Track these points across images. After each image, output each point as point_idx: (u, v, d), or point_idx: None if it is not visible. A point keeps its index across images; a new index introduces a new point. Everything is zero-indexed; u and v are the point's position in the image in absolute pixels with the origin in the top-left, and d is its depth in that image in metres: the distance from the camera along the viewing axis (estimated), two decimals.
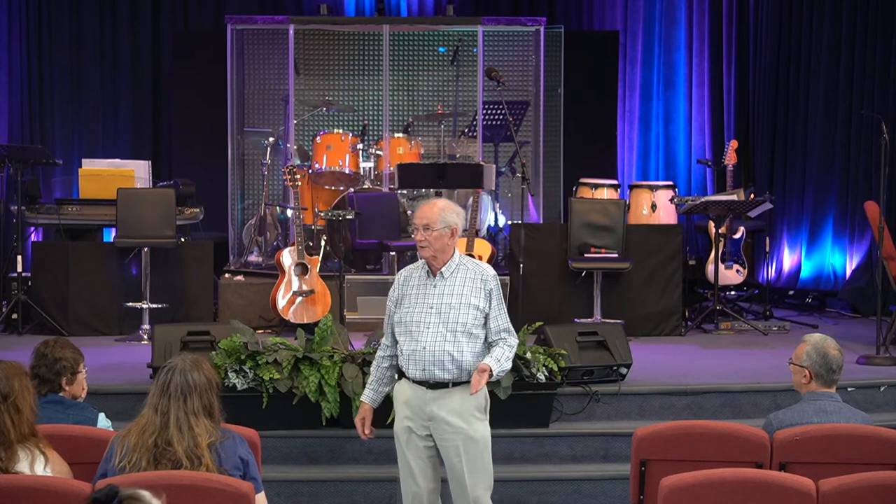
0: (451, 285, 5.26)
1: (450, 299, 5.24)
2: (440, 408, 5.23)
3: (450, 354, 5.21)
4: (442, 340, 5.21)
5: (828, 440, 4.84)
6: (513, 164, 10.52)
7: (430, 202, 5.31)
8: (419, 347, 5.21)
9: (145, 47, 11.70)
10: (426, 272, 5.30)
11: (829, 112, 11.03)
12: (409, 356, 5.24)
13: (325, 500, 6.55)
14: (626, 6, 12.09)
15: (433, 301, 5.24)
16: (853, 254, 10.93)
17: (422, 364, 5.22)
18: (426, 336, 5.21)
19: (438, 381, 5.23)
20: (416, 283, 5.29)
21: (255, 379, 6.59)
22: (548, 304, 9.04)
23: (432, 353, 5.20)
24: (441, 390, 5.24)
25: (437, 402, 5.23)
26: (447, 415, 5.22)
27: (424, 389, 5.24)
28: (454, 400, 5.24)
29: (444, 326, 5.22)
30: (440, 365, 5.22)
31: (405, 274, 5.36)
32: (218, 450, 4.29)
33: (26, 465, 4.27)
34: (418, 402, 5.25)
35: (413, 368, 5.24)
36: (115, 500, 2.97)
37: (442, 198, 5.70)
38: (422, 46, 10.80)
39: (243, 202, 10.66)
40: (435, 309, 5.23)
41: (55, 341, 5.06)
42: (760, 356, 8.27)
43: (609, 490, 6.61)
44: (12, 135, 11.15)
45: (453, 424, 5.23)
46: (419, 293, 5.26)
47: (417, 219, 5.26)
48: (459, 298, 5.24)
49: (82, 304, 9.10)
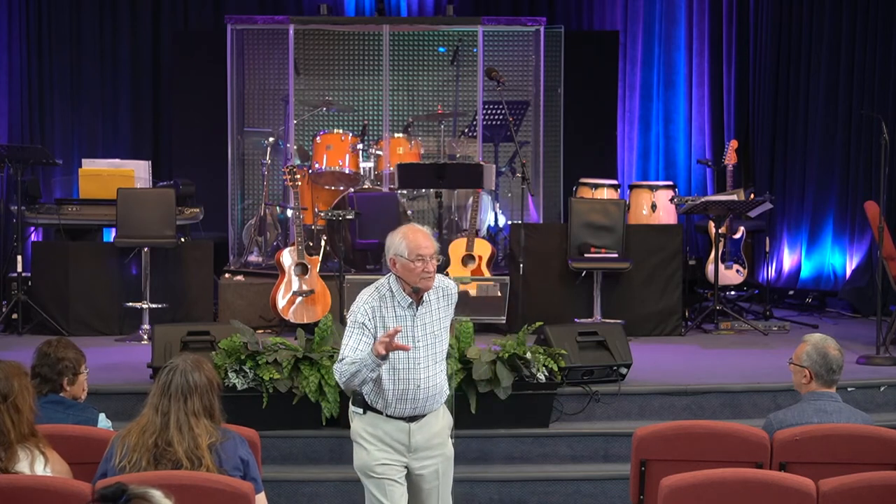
0: (429, 311, 4.94)
1: (432, 328, 4.93)
2: (422, 435, 4.96)
3: (440, 386, 4.99)
4: (433, 374, 4.93)
5: (828, 440, 4.84)
6: (513, 164, 10.52)
7: (419, 230, 4.92)
8: (412, 387, 4.87)
9: (145, 47, 11.70)
10: (400, 302, 4.88)
11: (829, 112, 11.03)
12: (397, 395, 4.87)
13: (325, 500, 6.55)
14: (626, 6, 12.09)
15: (419, 334, 4.89)
16: (853, 254, 10.93)
17: (413, 403, 4.89)
18: (417, 374, 4.87)
19: (424, 414, 4.96)
20: (394, 314, 4.87)
21: (255, 379, 6.59)
22: (548, 304, 9.04)
23: (426, 391, 4.90)
24: (422, 420, 4.96)
25: (419, 431, 4.95)
26: (429, 440, 4.98)
27: (405, 423, 4.92)
28: (435, 424, 5.00)
29: (432, 360, 4.93)
30: (434, 400, 4.96)
31: (375, 304, 4.87)
32: (218, 450, 4.29)
33: (26, 465, 4.27)
34: (396, 436, 4.93)
35: (400, 407, 4.89)
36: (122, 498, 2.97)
37: (410, 223, 5.36)
38: (422, 46, 10.80)
39: (243, 202, 10.66)
40: (422, 342, 4.89)
41: (58, 341, 5.07)
42: (760, 356, 8.27)
43: (609, 490, 6.61)
44: (12, 135, 11.15)
45: (435, 448, 5.00)
46: (400, 325, 4.82)
47: (423, 249, 4.82)
48: (439, 324, 4.96)
49: (82, 304, 9.10)
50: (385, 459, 4.94)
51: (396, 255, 4.86)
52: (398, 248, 4.86)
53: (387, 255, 4.95)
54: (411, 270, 4.83)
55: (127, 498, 2.97)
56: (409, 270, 4.84)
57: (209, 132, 10.75)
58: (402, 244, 4.85)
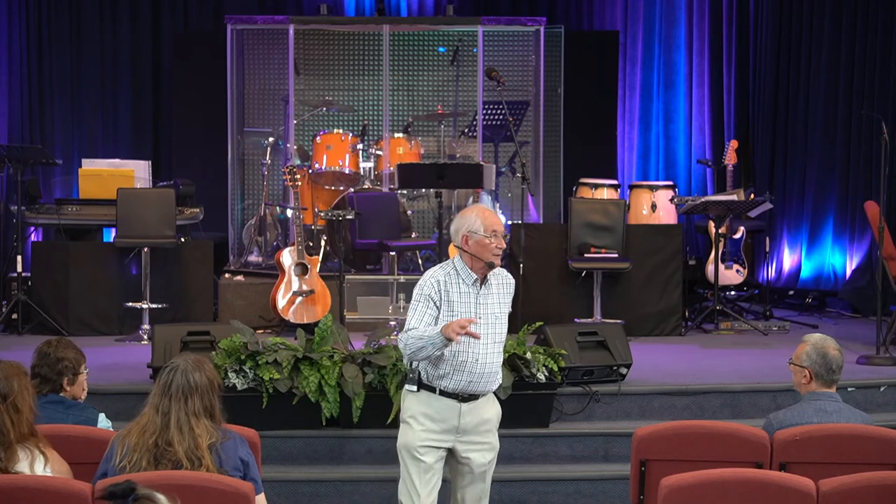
0: (491, 294, 5.12)
1: (492, 309, 5.11)
2: (472, 419, 5.10)
3: (496, 368, 5.13)
4: (491, 353, 5.09)
5: (828, 440, 4.84)
6: (513, 164, 10.52)
7: (490, 209, 5.20)
8: (470, 359, 5.03)
9: (145, 47, 11.71)
10: (465, 279, 5.08)
11: (829, 112, 11.03)
12: (454, 367, 5.03)
13: (325, 500, 6.55)
14: (626, 6, 12.10)
15: (480, 311, 5.07)
16: (853, 254, 10.93)
17: (469, 376, 5.04)
18: (476, 348, 5.03)
19: (476, 394, 5.10)
20: (458, 290, 5.06)
21: (255, 379, 6.59)
22: (548, 304, 9.04)
23: (483, 366, 5.05)
24: (473, 402, 5.11)
25: (470, 413, 5.09)
26: (478, 426, 5.13)
27: (457, 402, 5.08)
28: (486, 410, 5.16)
29: (490, 339, 5.09)
30: (490, 380, 5.11)
31: (441, 279, 5.06)
32: (218, 451, 4.29)
33: (26, 465, 4.27)
34: (447, 415, 5.07)
35: (456, 380, 5.04)
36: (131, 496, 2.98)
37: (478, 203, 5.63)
38: (422, 46, 10.80)
39: (243, 202, 10.65)
40: (483, 320, 5.05)
41: (58, 341, 5.06)
42: (760, 356, 8.27)
43: (609, 490, 6.61)
44: (12, 135, 11.16)
45: (483, 435, 5.15)
46: (464, 301, 5.05)
47: (497, 226, 5.07)
48: (498, 308, 5.14)
49: (82, 304, 9.10)
50: (430, 441, 5.08)
51: (470, 231, 5.06)
52: (473, 224, 5.06)
53: (456, 234, 5.12)
54: (485, 246, 5.04)
55: (136, 497, 2.98)
56: (483, 246, 5.04)
57: (209, 132, 10.75)
58: (477, 221, 5.06)
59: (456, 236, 5.14)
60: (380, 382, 6.65)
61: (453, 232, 5.15)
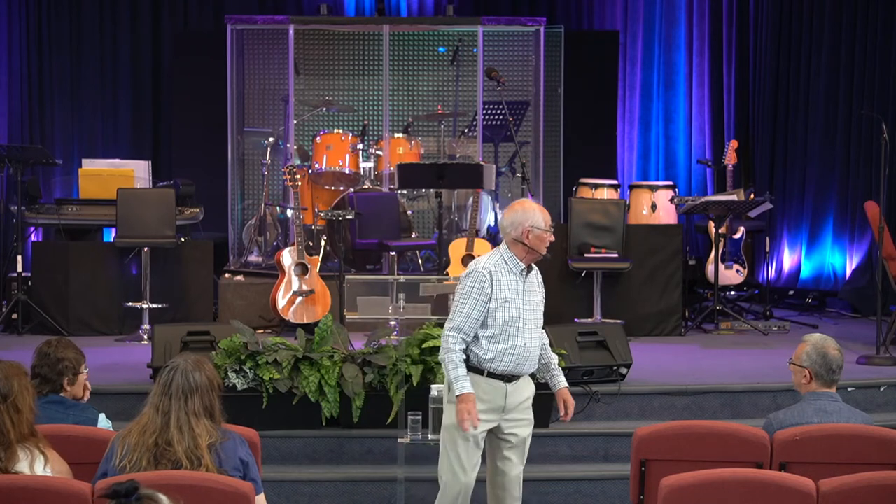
0: (532, 283, 5.42)
1: (533, 297, 5.41)
2: (515, 398, 5.39)
3: (536, 352, 5.42)
4: (534, 337, 5.39)
5: (828, 440, 4.84)
6: (513, 164, 10.52)
7: (539, 205, 5.47)
8: (519, 343, 5.31)
9: (145, 47, 11.71)
10: (512, 269, 5.34)
11: (829, 112, 11.03)
12: (503, 351, 5.29)
13: (325, 500, 6.55)
14: (626, 6, 12.09)
15: (526, 299, 5.36)
16: (853, 254, 10.93)
17: (517, 360, 5.32)
18: (525, 332, 5.33)
19: (520, 374, 5.39)
20: (507, 279, 5.32)
21: (255, 379, 6.59)
22: (548, 304, 8.92)
23: (529, 349, 5.35)
24: (517, 382, 5.40)
25: (514, 393, 5.38)
26: (520, 404, 5.42)
27: (503, 382, 5.34)
28: (526, 389, 5.45)
29: (533, 323, 5.40)
30: (531, 362, 5.40)
31: (491, 269, 5.31)
32: (218, 450, 4.29)
33: (26, 465, 4.27)
34: (493, 395, 5.33)
35: (505, 363, 5.31)
36: (134, 496, 2.98)
37: (526, 199, 5.93)
38: (422, 46, 10.80)
39: (243, 202, 10.65)
40: (528, 306, 5.37)
41: (58, 341, 5.06)
42: (760, 356, 8.27)
43: (609, 490, 6.61)
44: (12, 135, 11.16)
45: (524, 412, 5.45)
46: (514, 289, 5.32)
47: (552, 221, 5.41)
48: (537, 297, 5.45)
49: (82, 304, 9.10)
50: (482, 418, 5.28)
51: (533, 226, 5.31)
52: (534, 220, 5.32)
53: (516, 228, 5.32)
54: (543, 240, 5.34)
55: (139, 496, 2.99)
56: (542, 240, 5.34)
57: (209, 132, 10.74)
58: (539, 216, 5.34)
59: (515, 229, 5.33)
60: (380, 382, 6.65)
61: (509, 224, 5.35)
